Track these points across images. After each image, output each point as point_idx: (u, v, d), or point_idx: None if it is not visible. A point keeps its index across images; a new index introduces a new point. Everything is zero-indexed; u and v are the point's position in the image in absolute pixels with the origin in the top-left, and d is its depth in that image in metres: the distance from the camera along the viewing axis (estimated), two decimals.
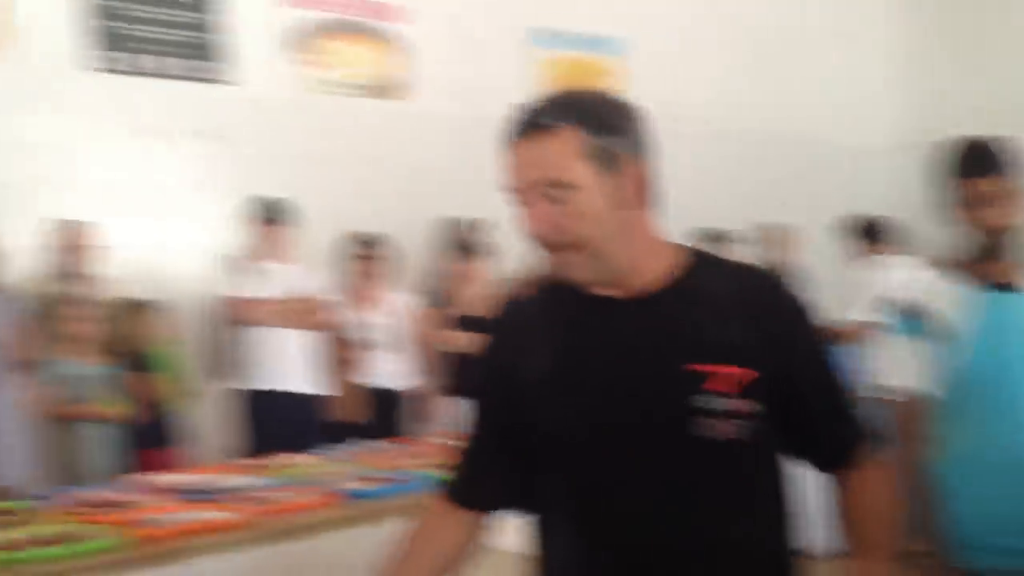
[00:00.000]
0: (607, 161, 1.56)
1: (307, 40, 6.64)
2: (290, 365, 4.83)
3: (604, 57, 8.01)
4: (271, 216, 4.90)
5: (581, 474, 1.62)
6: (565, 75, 7.75)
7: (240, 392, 4.86)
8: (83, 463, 4.38)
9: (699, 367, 1.56)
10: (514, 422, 1.67)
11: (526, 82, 7.22)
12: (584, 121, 1.56)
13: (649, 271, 1.62)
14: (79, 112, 5.54)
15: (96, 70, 5.68)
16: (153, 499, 3.30)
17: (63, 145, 5.46)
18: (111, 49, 5.75)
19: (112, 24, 5.76)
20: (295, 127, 6.33)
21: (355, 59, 6.87)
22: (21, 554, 2.64)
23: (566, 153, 1.54)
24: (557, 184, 1.55)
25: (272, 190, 5.05)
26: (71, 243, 4.91)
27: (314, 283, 4.99)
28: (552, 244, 1.58)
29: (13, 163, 5.25)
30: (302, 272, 4.97)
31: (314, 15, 6.67)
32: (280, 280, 4.88)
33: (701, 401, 1.56)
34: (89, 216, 5.03)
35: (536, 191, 1.56)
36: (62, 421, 4.47)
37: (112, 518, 3.00)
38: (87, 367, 4.56)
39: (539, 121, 1.57)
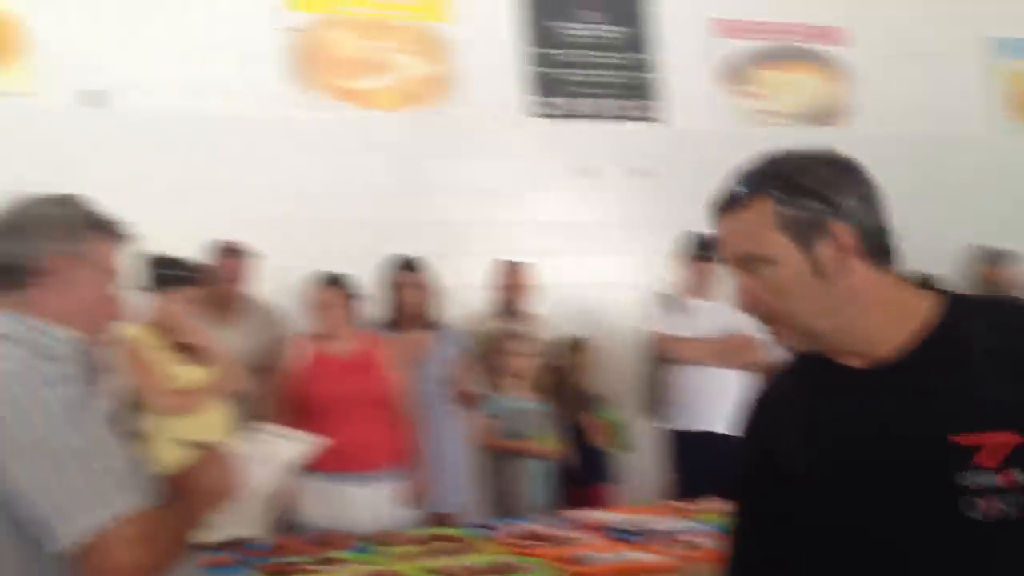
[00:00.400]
0: (805, 230, 1.45)
1: (741, 71, 6.61)
2: (723, 406, 4.73)
3: None
4: (703, 252, 4.88)
5: (851, 566, 1.48)
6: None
7: (671, 432, 4.86)
8: (518, 496, 4.51)
9: (964, 438, 1.37)
10: (778, 512, 1.56)
11: (988, 98, 6.68)
12: (778, 189, 1.47)
13: (895, 334, 1.45)
14: (519, 156, 5.93)
15: (535, 115, 6.05)
16: (585, 536, 3.39)
17: (504, 187, 5.87)
18: (548, 95, 6.10)
19: (548, 71, 6.12)
20: (727, 161, 6.27)
21: (791, 87, 6.73)
22: None
23: (759, 225, 1.48)
24: (752, 258, 1.49)
25: (703, 226, 5.04)
26: (511, 281, 5.17)
27: (746, 320, 4.88)
28: (759, 318, 1.51)
29: (458, 205, 5.71)
30: (733, 309, 4.88)
31: (749, 45, 6.64)
32: (712, 317, 4.83)
33: (969, 477, 1.36)
34: (528, 255, 5.34)
35: (739, 265, 1.51)
36: (500, 454, 4.64)
37: (546, 552, 3.12)
38: (525, 402, 4.71)
39: (735, 192, 1.52)
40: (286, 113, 5.44)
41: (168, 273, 3.86)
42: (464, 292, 5.30)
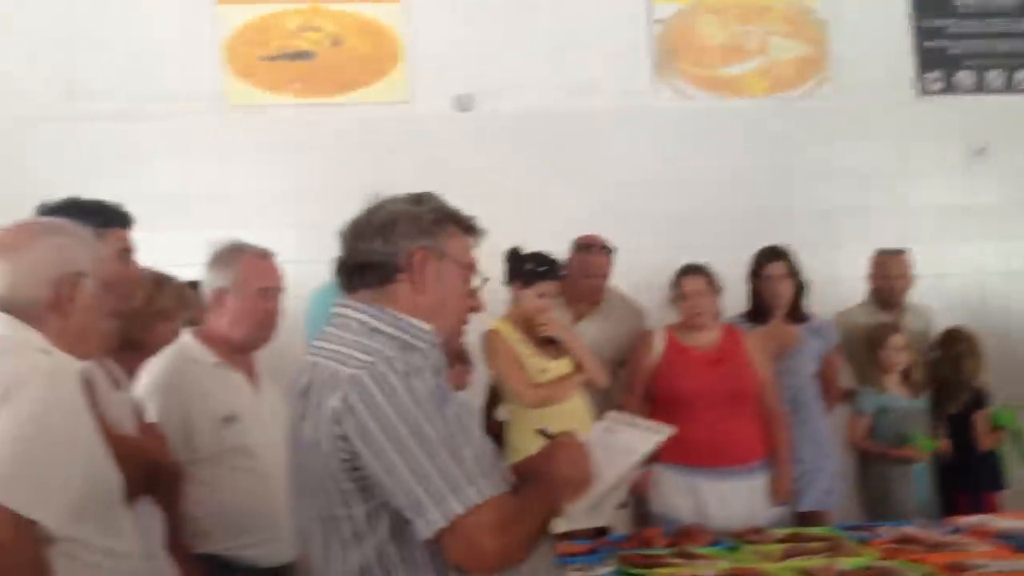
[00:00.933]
0: None
1: None
2: None
3: None
4: None
5: None
6: None
7: None
8: (893, 498, 4.28)
9: None
10: None
11: None
12: None
13: None
14: (897, 137, 5.58)
15: (917, 93, 5.68)
16: (972, 542, 3.14)
17: (880, 171, 5.55)
18: (930, 69, 5.71)
19: (932, 44, 5.72)
20: None
21: None
22: None
23: None
24: None
25: None
26: (891, 271, 4.86)
27: None
28: None
29: (831, 192, 5.49)
30: None
31: None
32: None
33: None
34: (907, 243, 5.01)
35: None
36: (875, 454, 4.43)
37: (928, 558, 2.93)
38: (902, 400, 4.47)
39: None
40: (650, 106, 5.49)
41: (531, 268, 3.98)
42: (836, 284, 5.11)
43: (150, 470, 2.22)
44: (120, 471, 2.00)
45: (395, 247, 1.88)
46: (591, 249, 4.40)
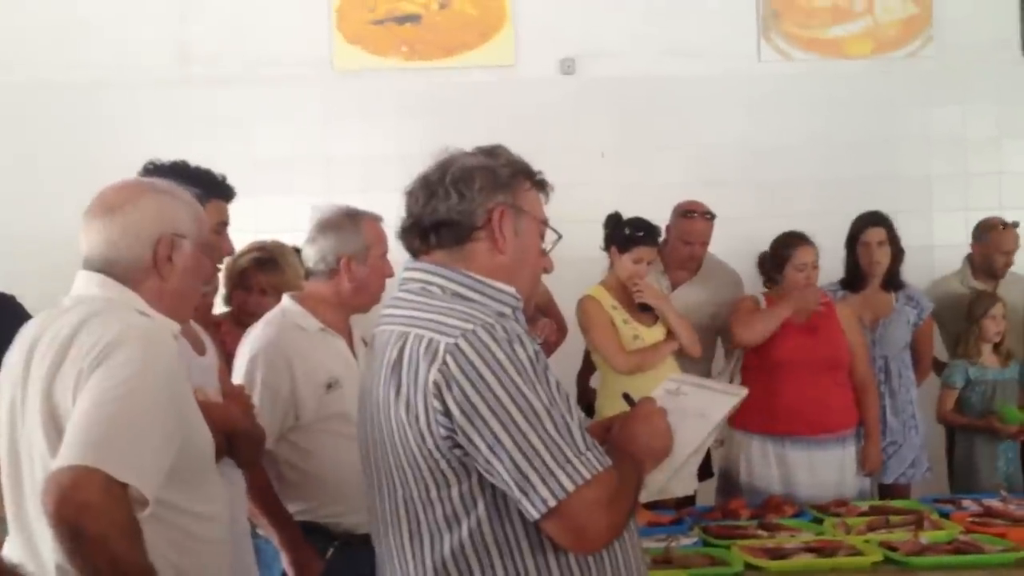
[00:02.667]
0: None
1: None
2: None
3: None
4: None
5: None
6: None
7: None
8: (981, 473, 4.26)
9: None
10: None
11: None
12: None
13: None
14: (1002, 101, 5.45)
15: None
16: None
17: (982, 136, 5.46)
18: None
19: None
20: None
21: None
22: (912, 559, 2.78)
23: None
24: None
25: None
26: (1001, 245, 4.76)
27: None
28: None
29: (931, 157, 5.42)
30: None
31: None
32: None
33: None
34: (1006, 211, 4.94)
35: None
36: (963, 427, 4.41)
37: (1008, 532, 2.99)
38: (994, 370, 4.41)
39: None
40: (752, 69, 5.46)
41: (629, 233, 4.05)
42: (930, 251, 5.10)
43: (233, 436, 2.17)
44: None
45: (472, 203, 1.78)
46: (692, 215, 4.45)
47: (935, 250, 5.18)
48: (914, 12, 5.52)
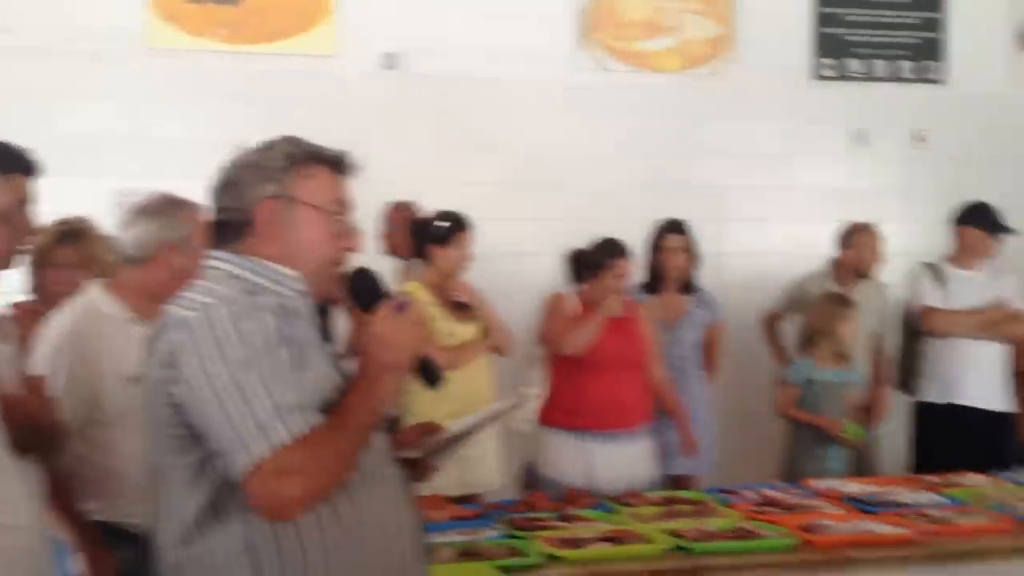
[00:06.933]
0: None
1: None
2: (981, 379, 4.63)
3: None
4: (969, 219, 4.73)
5: None
6: None
7: (926, 405, 4.78)
8: (811, 467, 4.31)
9: None
10: None
11: None
12: None
13: None
14: (796, 119, 5.89)
15: (816, 77, 5.97)
16: (825, 505, 3.46)
17: (777, 152, 5.87)
18: (831, 56, 6.00)
19: (834, 31, 6.01)
20: (1011, 127, 6.04)
21: None
22: (697, 544, 2.97)
23: None
24: None
25: (979, 193, 4.88)
26: (864, 245, 4.99)
27: (1015, 293, 4.70)
28: None
29: (729, 169, 5.78)
30: (1003, 280, 4.71)
31: None
32: (978, 288, 4.69)
33: None
34: (797, 222, 5.33)
35: None
36: (798, 426, 4.42)
37: (782, 519, 3.23)
38: (834, 372, 4.45)
39: None
40: (569, 76, 5.65)
41: (446, 227, 4.14)
42: (725, 258, 5.43)
43: (29, 428, 2.08)
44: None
45: (241, 201, 1.84)
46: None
47: (727, 257, 5.53)
48: (720, 32, 5.85)
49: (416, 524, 1.93)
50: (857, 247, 5.03)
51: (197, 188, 2.38)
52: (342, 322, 4.07)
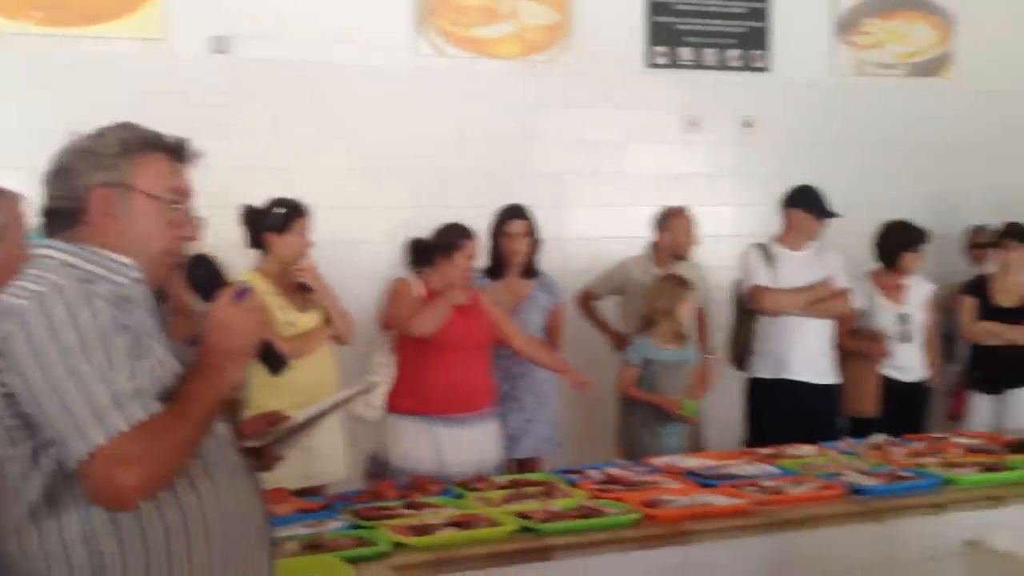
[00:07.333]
0: None
1: (857, 20, 6.53)
2: (808, 355, 4.85)
3: None
4: (796, 202, 4.93)
5: None
6: None
7: (757, 380, 4.98)
8: (650, 444, 4.45)
9: None
10: None
11: None
12: None
13: None
14: (630, 106, 6.00)
15: (649, 65, 6.09)
16: (665, 480, 3.57)
17: (613, 138, 5.98)
18: (663, 44, 6.12)
19: (666, 20, 6.13)
20: (834, 112, 6.34)
21: (901, 36, 6.64)
22: (544, 525, 3.01)
23: None
24: None
25: (805, 177, 5.10)
26: (679, 228, 5.12)
27: (839, 271, 4.94)
28: None
29: (567, 155, 5.86)
30: (827, 259, 4.94)
31: None
32: (805, 268, 4.91)
33: None
34: (634, 207, 5.45)
35: None
36: (637, 404, 4.56)
37: (625, 496, 3.31)
38: (672, 352, 4.58)
39: None
40: (408, 62, 5.59)
41: (283, 214, 4.07)
42: (565, 243, 5.50)
43: None
44: None
45: (74, 189, 1.81)
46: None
47: (567, 242, 5.61)
48: (556, 20, 5.91)
49: (261, 513, 1.91)
50: (672, 230, 5.19)
51: (21, 177, 2.27)
52: None
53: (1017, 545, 2.51)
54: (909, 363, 5.15)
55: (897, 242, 5.18)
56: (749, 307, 4.96)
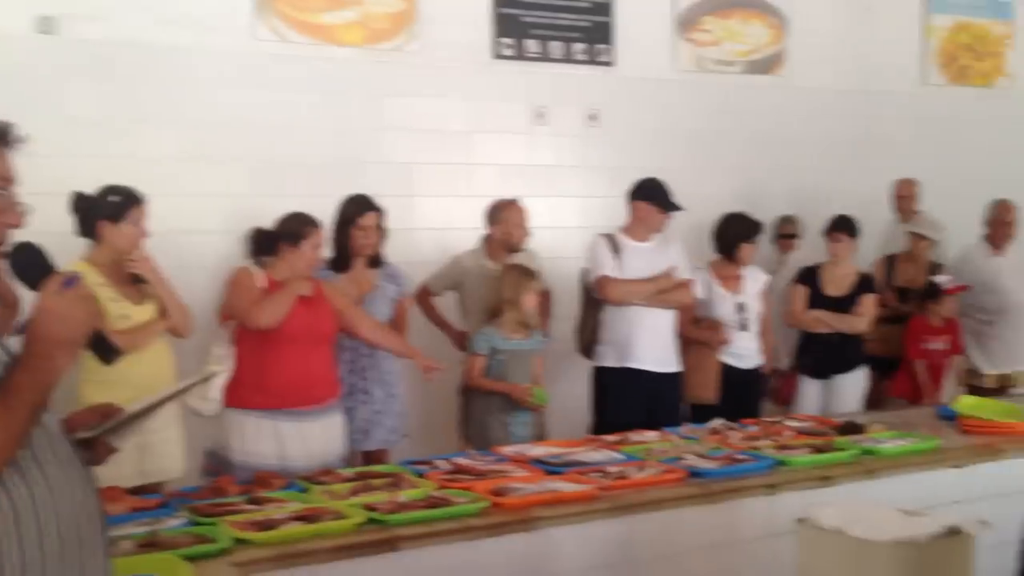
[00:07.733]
0: None
1: (694, 18, 6.70)
2: (652, 343, 4.97)
3: (995, 21, 7.41)
4: (642, 195, 5.03)
5: None
6: (954, 43, 7.28)
7: (602, 369, 5.07)
8: (497, 433, 4.48)
9: None
10: None
11: (918, 51, 6.87)
12: None
13: None
14: (476, 97, 6.01)
15: (495, 57, 6.09)
16: (513, 469, 3.60)
17: (459, 129, 5.96)
18: (509, 36, 6.14)
19: (511, 12, 6.14)
20: (674, 107, 6.49)
21: (737, 35, 6.86)
22: (390, 516, 2.99)
23: None
24: None
25: (648, 170, 5.20)
26: (512, 220, 5.12)
27: (682, 262, 5.07)
28: None
29: (412, 145, 5.81)
30: (670, 251, 5.07)
31: None
32: (649, 259, 5.01)
33: None
34: (480, 198, 5.43)
35: None
36: (486, 394, 4.58)
37: (473, 485, 3.31)
38: (518, 341, 4.60)
39: None
40: (245, 46, 5.42)
41: (119, 202, 3.91)
42: (413, 233, 5.46)
43: None
44: None
45: None
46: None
47: (415, 232, 5.57)
48: (401, 8, 5.85)
49: (97, 508, 1.83)
50: (504, 223, 5.20)
51: None
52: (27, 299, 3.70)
53: (842, 521, 2.63)
54: (746, 351, 5.34)
55: (735, 233, 5.37)
56: (596, 296, 5.04)
